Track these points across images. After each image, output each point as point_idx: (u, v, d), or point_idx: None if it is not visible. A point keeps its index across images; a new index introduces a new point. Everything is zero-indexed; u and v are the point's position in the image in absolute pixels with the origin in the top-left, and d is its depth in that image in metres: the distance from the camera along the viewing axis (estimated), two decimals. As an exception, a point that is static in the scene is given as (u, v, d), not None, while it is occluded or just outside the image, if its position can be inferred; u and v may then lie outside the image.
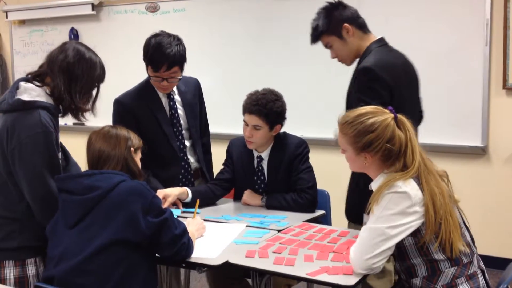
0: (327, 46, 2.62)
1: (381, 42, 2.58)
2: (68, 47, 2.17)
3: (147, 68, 2.77)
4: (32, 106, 2.07)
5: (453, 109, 4.10)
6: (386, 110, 2.02)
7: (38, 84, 2.14)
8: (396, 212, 1.89)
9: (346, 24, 2.53)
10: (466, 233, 2.02)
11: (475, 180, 4.14)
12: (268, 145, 2.90)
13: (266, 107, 2.75)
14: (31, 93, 2.10)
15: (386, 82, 2.38)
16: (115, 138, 2.13)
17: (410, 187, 1.90)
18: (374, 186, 2.03)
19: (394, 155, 1.97)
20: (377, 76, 2.38)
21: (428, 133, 4.13)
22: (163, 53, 2.67)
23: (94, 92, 2.23)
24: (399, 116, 2.01)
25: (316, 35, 2.60)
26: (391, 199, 1.90)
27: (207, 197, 2.89)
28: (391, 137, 1.95)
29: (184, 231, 2.09)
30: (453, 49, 4.07)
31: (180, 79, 2.82)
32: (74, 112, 2.19)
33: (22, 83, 2.14)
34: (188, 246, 2.09)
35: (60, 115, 2.20)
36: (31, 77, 2.17)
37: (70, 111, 2.19)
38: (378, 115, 1.99)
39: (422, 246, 1.92)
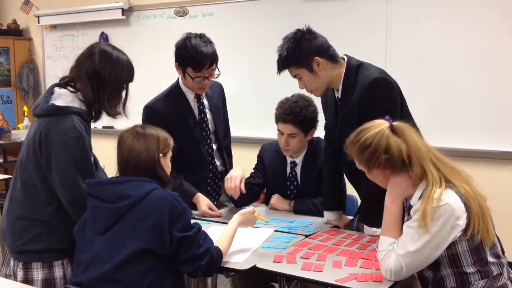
0: (295, 77, 2.45)
1: (355, 59, 2.46)
2: (95, 51, 2.18)
3: (185, 70, 2.76)
4: (65, 111, 2.10)
5: (485, 113, 4.01)
6: (383, 121, 1.97)
7: (72, 90, 2.17)
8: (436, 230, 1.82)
9: (317, 58, 2.36)
10: (498, 244, 1.97)
11: (508, 186, 4.05)
12: (303, 151, 2.90)
13: (300, 114, 2.75)
14: (65, 98, 2.14)
15: (398, 88, 2.38)
16: (147, 137, 2.09)
17: (452, 200, 1.83)
18: (413, 201, 1.98)
19: (398, 164, 1.91)
20: (390, 84, 2.36)
21: (459, 138, 4.09)
22: (202, 52, 2.69)
23: (123, 94, 2.24)
24: (396, 123, 1.95)
25: (283, 66, 2.43)
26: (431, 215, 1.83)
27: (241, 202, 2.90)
28: (386, 147, 1.91)
29: (207, 251, 2.01)
30: (484, 52, 3.98)
31: (219, 75, 2.82)
32: (107, 114, 2.22)
33: (56, 89, 2.18)
34: (207, 267, 2.00)
35: (92, 120, 2.22)
36: (64, 83, 2.20)
37: (103, 113, 2.21)
38: (373, 128, 1.95)
39: (454, 257, 1.88)
